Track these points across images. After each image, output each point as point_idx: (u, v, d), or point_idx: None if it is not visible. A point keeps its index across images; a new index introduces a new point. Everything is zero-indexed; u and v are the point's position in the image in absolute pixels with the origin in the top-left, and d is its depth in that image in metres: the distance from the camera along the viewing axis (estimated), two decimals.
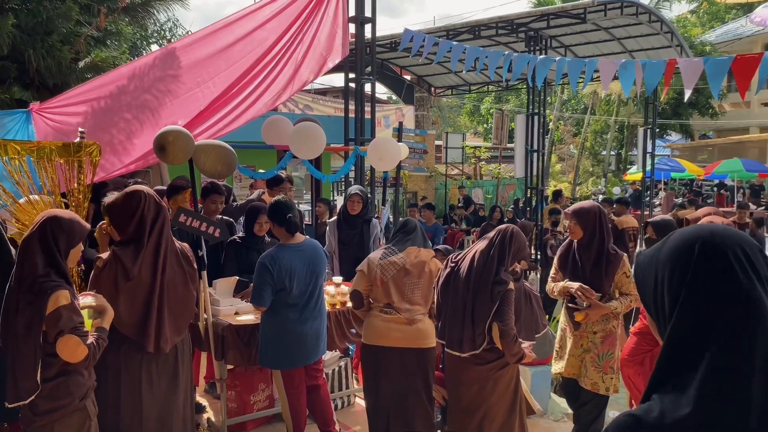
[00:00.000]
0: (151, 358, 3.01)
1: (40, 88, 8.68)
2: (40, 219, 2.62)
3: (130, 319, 2.94)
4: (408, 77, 18.11)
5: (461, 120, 38.14)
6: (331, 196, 14.49)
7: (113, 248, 3.00)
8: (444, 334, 3.47)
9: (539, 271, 8.35)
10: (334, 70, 9.26)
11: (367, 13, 6.59)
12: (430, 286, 3.68)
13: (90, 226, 2.86)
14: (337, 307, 4.43)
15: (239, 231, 4.99)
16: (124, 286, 2.90)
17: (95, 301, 2.72)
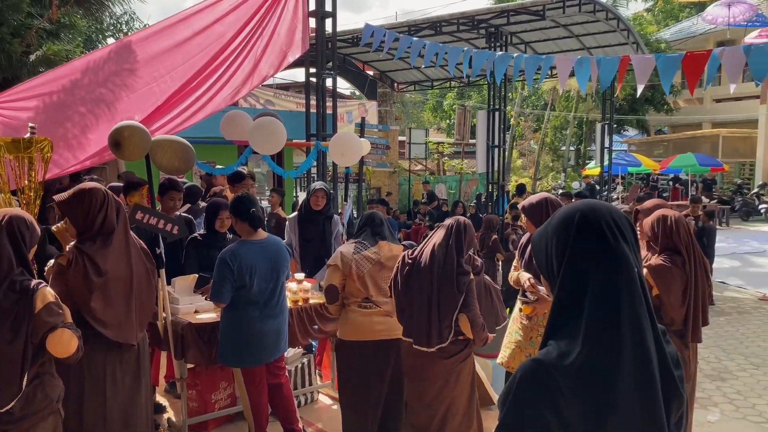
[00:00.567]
0: (115, 357, 2.98)
1: None
2: (1, 217, 2.54)
3: (108, 315, 2.91)
4: (371, 73, 18.11)
5: (424, 116, 38.29)
6: (294, 192, 14.40)
7: (76, 245, 2.93)
8: (410, 331, 3.44)
9: (500, 265, 8.45)
10: (296, 65, 9.19)
11: (328, 8, 6.56)
12: None
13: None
14: (300, 304, 4.40)
15: (200, 228, 4.92)
16: (96, 282, 2.86)
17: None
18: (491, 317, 4.24)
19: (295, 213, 5.32)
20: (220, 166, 5.33)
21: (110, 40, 14.20)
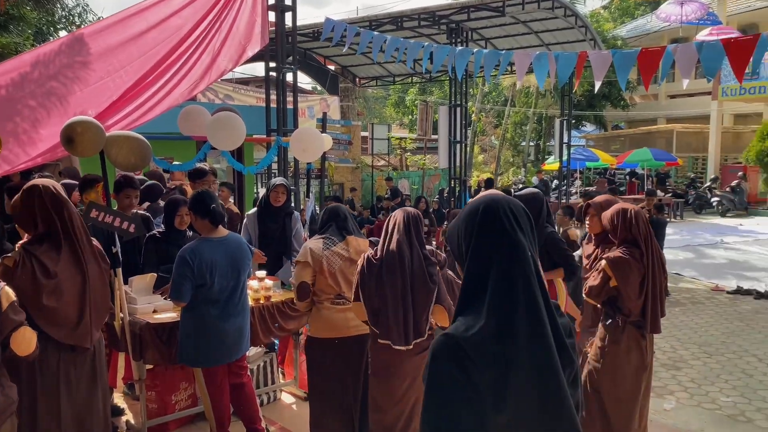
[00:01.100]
0: (69, 359, 2.89)
1: None
2: None
3: (59, 318, 2.82)
4: (332, 67, 18.00)
5: (386, 111, 38.32)
6: (254, 189, 14.23)
7: (24, 246, 2.83)
8: (388, 332, 3.31)
9: None
10: (255, 59, 9.08)
11: (288, 2, 6.48)
12: None
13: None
14: (261, 302, 4.35)
15: (157, 226, 4.82)
16: (45, 285, 2.77)
17: None
18: (453, 312, 4.24)
19: (255, 209, 5.23)
20: (178, 162, 5.23)
21: (62, 33, 13.76)
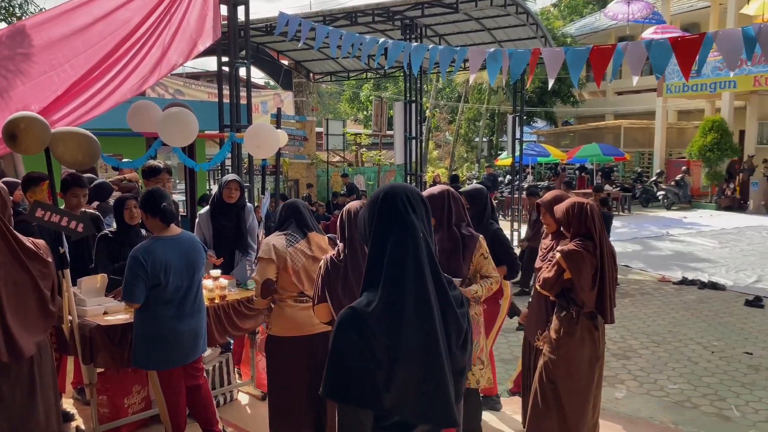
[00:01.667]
0: (2, 371, 2.73)
1: None
2: None
3: None
4: (285, 62, 17.81)
5: (341, 107, 38.20)
6: (207, 186, 13.97)
7: None
8: None
9: None
10: (208, 54, 8.89)
11: None
12: None
13: None
14: (216, 302, 4.27)
15: (108, 227, 4.67)
16: None
17: None
18: None
19: (207, 207, 5.12)
20: (128, 160, 5.07)
21: (2, 25, 13.20)
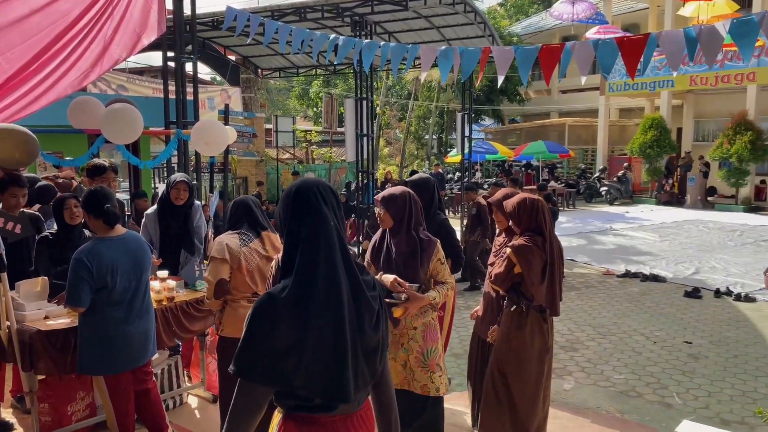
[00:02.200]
0: None
1: None
2: None
3: None
4: (233, 58, 17.50)
5: (290, 103, 37.83)
6: (152, 184, 13.62)
7: None
8: None
9: None
10: (152, 48, 8.64)
11: None
12: None
13: None
14: (164, 304, 4.16)
15: (49, 227, 4.48)
16: None
17: None
18: None
19: (155, 207, 4.98)
20: (69, 158, 4.88)
21: None
